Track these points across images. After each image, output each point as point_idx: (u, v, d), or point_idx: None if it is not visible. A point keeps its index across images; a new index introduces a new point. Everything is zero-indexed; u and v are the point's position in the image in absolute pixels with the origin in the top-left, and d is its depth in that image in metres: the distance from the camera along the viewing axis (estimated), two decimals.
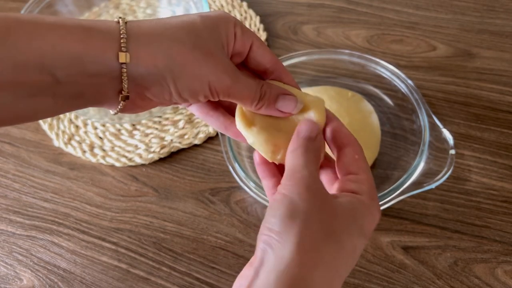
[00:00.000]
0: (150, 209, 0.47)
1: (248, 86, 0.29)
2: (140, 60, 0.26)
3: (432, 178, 0.41)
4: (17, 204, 0.49)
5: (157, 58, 0.26)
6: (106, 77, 0.25)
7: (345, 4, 0.67)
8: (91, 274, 0.43)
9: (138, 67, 0.26)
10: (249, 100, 0.29)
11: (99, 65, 0.25)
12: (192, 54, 0.26)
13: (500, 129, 0.50)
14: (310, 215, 0.25)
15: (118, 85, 0.26)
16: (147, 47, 0.26)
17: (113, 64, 0.25)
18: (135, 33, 0.26)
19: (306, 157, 0.28)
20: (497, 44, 0.59)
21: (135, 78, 0.26)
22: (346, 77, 0.55)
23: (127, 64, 0.25)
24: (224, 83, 0.28)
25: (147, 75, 0.26)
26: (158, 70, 0.26)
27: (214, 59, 0.27)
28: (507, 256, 0.41)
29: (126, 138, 0.54)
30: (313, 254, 0.24)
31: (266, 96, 0.30)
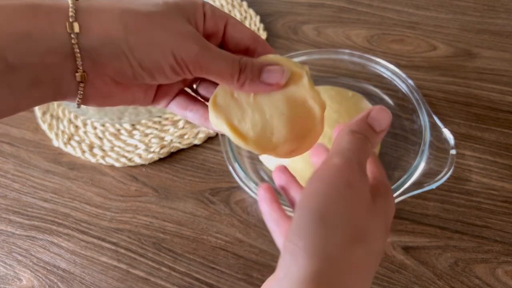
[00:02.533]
0: (150, 209, 0.47)
1: (224, 57, 0.26)
2: (91, 30, 0.24)
3: (433, 178, 0.41)
4: (16, 204, 0.49)
5: (109, 26, 0.24)
6: (58, 54, 0.24)
7: (345, 4, 0.67)
8: (90, 274, 0.43)
9: (89, 38, 0.24)
10: (228, 74, 0.26)
11: (49, 40, 0.23)
12: (147, 21, 0.24)
13: (500, 129, 0.50)
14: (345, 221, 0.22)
15: (73, 64, 0.24)
16: (98, 17, 0.24)
17: (63, 38, 0.23)
18: (86, 5, 0.24)
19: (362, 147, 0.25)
20: (497, 44, 0.59)
21: (89, 52, 0.24)
22: (346, 77, 0.54)
23: (78, 35, 0.23)
24: (191, 51, 0.25)
25: (101, 46, 0.24)
26: (112, 39, 0.24)
27: (175, 26, 0.25)
28: (508, 256, 0.41)
29: (126, 138, 0.54)
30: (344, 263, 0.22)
31: (248, 69, 0.26)
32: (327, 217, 0.22)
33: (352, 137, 0.25)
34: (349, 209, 0.23)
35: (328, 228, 0.22)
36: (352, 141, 0.25)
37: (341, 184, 0.23)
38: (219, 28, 0.27)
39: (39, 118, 0.56)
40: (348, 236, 0.22)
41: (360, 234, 0.23)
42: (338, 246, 0.22)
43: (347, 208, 0.22)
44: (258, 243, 0.43)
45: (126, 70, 0.25)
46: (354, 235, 0.22)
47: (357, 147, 0.25)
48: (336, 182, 0.23)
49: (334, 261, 0.21)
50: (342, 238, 0.22)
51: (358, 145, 0.25)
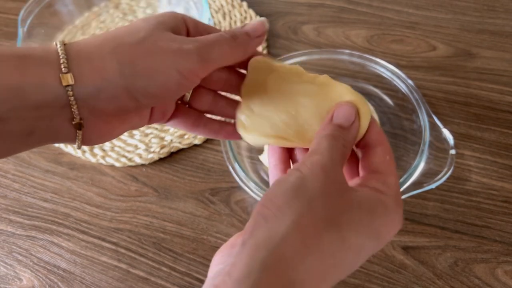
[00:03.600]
0: (150, 209, 0.47)
1: (213, 39, 0.26)
2: (86, 78, 0.23)
3: (432, 178, 0.41)
4: (17, 204, 0.49)
5: (103, 68, 0.23)
6: (53, 106, 0.23)
7: (345, 4, 0.67)
8: (91, 274, 0.43)
9: (85, 87, 0.23)
10: (228, 49, 0.26)
11: (42, 94, 0.22)
12: (140, 47, 0.24)
13: (500, 129, 0.50)
14: (318, 197, 0.22)
15: (69, 113, 0.23)
16: (90, 62, 0.23)
17: (57, 90, 0.22)
18: (75, 51, 0.23)
19: (332, 145, 0.25)
20: (497, 44, 0.59)
21: (86, 100, 0.23)
22: (346, 77, 0.54)
23: (73, 86, 0.22)
24: (192, 57, 0.25)
25: (98, 92, 0.23)
26: (109, 81, 0.23)
27: (166, 43, 0.24)
28: (508, 256, 0.41)
29: (126, 138, 0.54)
30: (311, 240, 0.22)
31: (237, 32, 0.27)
32: (301, 192, 0.22)
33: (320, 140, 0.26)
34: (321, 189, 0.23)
35: (301, 202, 0.22)
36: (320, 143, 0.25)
37: (317, 169, 0.23)
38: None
39: None
40: (319, 217, 0.22)
41: (332, 219, 0.22)
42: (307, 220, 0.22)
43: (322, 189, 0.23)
44: None
45: (128, 105, 0.24)
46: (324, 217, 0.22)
47: (328, 146, 0.25)
48: (312, 168, 0.23)
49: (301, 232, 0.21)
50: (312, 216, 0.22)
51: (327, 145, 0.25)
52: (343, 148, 0.25)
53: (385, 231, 0.24)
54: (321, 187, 0.23)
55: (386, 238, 0.24)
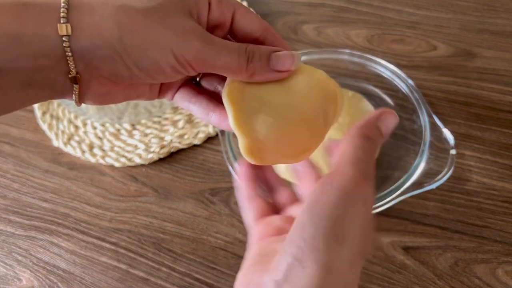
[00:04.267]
0: (150, 209, 0.47)
1: (228, 48, 0.24)
2: (83, 31, 0.22)
3: (433, 178, 0.41)
4: (16, 204, 0.49)
5: (102, 26, 0.22)
6: (50, 57, 0.22)
7: (345, 4, 0.67)
8: (90, 274, 0.43)
9: (81, 39, 0.22)
10: (235, 67, 0.24)
11: (39, 43, 0.22)
12: (143, 18, 0.22)
13: (501, 129, 0.50)
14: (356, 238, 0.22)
15: (66, 66, 0.23)
16: (91, 16, 0.22)
17: (54, 40, 0.22)
18: (78, 2, 0.22)
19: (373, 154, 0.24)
20: (497, 44, 0.59)
21: (82, 54, 0.23)
22: (346, 76, 0.54)
23: (69, 37, 0.22)
24: (193, 47, 0.23)
25: (94, 48, 0.22)
26: (105, 40, 0.22)
27: (173, 22, 0.23)
28: (508, 256, 0.41)
29: (126, 138, 0.54)
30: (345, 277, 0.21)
31: (256, 57, 0.25)
32: (342, 233, 0.21)
33: (366, 144, 0.24)
34: (363, 228, 0.22)
35: (341, 244, 0.21)
36: (365, 148, 0.24)
37: (359, 200, 0.22)
38: (226, 18, 0.26)
39: (39, 118, 0.56)
40: (356, 254, 0.22)
41: (363, 252, 0.22)
42: (346, 262, 0.21)
43: (362, 226, 0.22)
44: None
45: (122, 72, 0.24)
46: (360, 253, 0.22)
47: (370, 156, 0.24)
48: (353, 197, 0.22)
49: (340, 276, 0.21)
50: (351, 256, 0.21)
51: (371, 153, 0.24)
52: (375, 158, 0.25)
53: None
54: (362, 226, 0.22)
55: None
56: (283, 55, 0.25)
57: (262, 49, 0.25)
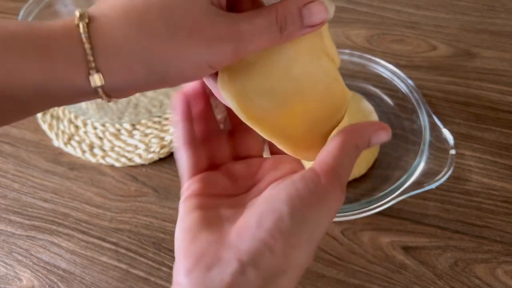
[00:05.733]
0: (150, 209, 0.47)
1: (259, 30, 0.23)
2: (115, 75, 0.22)
3: (433, 178, 0.41)
4: (16, 204, 0.49)
5: (134, 65, 0.21)
6: (81, 96, 0.22)
7: (345, 4, 0.67)
8: (90, 274, 0.43)
9: (114, 83, 0.22)
10: (269, 41, 0.23)
11: (69, 91, 0.21)
12: (172, 41, 0.21)
13: (500, 129, 0.50)
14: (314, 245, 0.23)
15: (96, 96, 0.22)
16: (119, 57, 0.21)
17: (85, 87, 0.21)
18: (101, 40, 0.21)
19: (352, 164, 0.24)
20: (497, 44, 0.59)
21: (115, 90, 0.22)
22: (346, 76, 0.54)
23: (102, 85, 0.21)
24: (227, 52, 0.22)
25: (128, 87, 0.22)
26: (139, 77, 0.22)
27: (200, 32, 0.22)
28: (508, 256, 0.41)
29: (126, 138, 0.54)
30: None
31: (289, 21, 0.23)
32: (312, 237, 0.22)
33: (353, 153, 0.24)
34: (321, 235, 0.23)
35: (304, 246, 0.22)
36: (351, 158, 0.24)
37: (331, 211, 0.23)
38: None
39: (39, 118, 0.56)
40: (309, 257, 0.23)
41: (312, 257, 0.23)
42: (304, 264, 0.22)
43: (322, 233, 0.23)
44: None
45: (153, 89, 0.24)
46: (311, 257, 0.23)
47: (352, 166, 0.24)
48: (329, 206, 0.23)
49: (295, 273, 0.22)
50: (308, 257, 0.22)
51: (354, 162, 0.24)
52: None
53: None
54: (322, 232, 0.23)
55: None
56: (315, 6, 0.23)
57: (292, 8, 0.23)
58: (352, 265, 0.41)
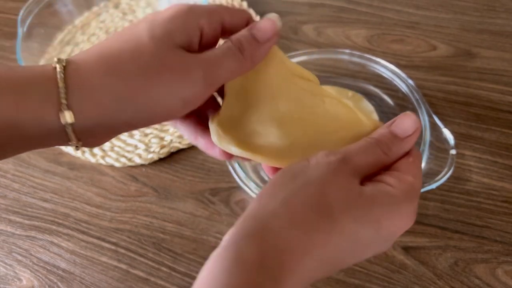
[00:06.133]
0: (150, 209, 0.47)
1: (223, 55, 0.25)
2: (85, 113, 0.22)
3: (433, 178, 0.41)
4: (16, 204, 0.49)
5: (104, 105, 0.22)
6: (50, 137, 0.23)
7: (345, 4, 0.67)
8: (90, 274, 0.43)
9: (84, 122, 0.22)
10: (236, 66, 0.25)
11: (40, 128, 0.22)
12: (140, 80, 0.22)
13: (500, 129, 0.50)
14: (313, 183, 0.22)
15: (67, 139, 0.23)
16: (91, 97, 0.22)
17: (56, 125, 0.22)
18: (75, 81, 0.22)
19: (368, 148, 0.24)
20: (497, 44, 0.59)
21: (85, 132, 0.23)
22: (346, 76, 0.54)
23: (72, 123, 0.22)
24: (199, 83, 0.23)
25: (98, 127, 0.23)
26: (109, 117, 0.22)
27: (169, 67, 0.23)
28: (508, 256, 0.41)
29: (126, 138, 0.54)
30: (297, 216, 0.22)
31: (244, 42, 0.25)
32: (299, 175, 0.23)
33: (362, 140, 0.25)
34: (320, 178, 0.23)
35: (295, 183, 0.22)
36: (359, 142, 0.25)
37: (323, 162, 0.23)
38: (217, 32, 0.26)
39: None
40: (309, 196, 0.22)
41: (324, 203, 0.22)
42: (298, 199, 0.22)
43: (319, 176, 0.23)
44: None
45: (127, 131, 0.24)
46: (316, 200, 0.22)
47: (361, 147, 0.25)
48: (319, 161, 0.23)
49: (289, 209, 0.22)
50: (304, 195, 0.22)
51: (363, 148, 0.25)
52: (383, 155, 0.25)
53: (387, 222, 0.23)
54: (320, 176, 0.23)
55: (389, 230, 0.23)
56: (262, 23, 0.26)
57: (243, 32, 0.26)
58: (352, 265, 0.41)
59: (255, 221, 0.22)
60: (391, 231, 0.23)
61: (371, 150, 0.25)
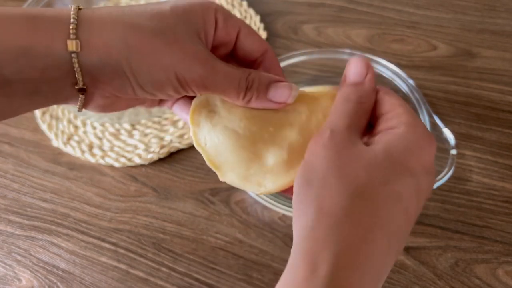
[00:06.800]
0: (150, 210, 0.47)
1: (229, 76, 0.25)
2: (92, 48, 0.23)
3: None
4: (16, 204, 0.49)
5: (111, 45, 0.23)
6: (58, 70, 0.23)
7: (345, 4, 0.67)
8: (90, 274, 0.43)
9: (90, 56, 0.23)
10: (233, 91, 0.25)
11: (48, 57, 0.22)
12: (151, 40, 0.23)
13: (501, 129, 0.50)
14: (327, 175, 0.22)
15: (73, 78, 0.23)
16: (100, 34, 0.23)
17: (63, 55, 0.22)
18: (88, 18, 0.23)
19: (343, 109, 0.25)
20: (498, 43, 0.59)
21: (90, 70, 0.23)
22: None
23: (78, 53, 0.22)
24: (195, 72, 0.24)
25: (102, 66, 0.23)
26: (113, 59, 0.23)
27: (180, 45, 0.23)
28: (508, 256, 0.41)
29: (126, 138, 0.54)
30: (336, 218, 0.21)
31: (254, 86, 0.25)
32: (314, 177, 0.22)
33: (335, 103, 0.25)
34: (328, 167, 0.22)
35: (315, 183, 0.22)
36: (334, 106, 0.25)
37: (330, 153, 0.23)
38: (231, 37, 0.26)
39: (39, 118, 0.56)
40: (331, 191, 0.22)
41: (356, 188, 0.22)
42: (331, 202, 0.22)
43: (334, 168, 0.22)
44: (258, 243, 0.43)
45: (126, 89, 0.24)
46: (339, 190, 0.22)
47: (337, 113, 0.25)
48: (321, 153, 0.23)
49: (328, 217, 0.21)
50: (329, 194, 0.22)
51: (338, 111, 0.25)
52: (359, 104, 0.25)
53: (414, 160, 0.22)
54: (329, 165, 0.22)
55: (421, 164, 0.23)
56: (282, 86, 0.26)
57: (263, 78, 0.26)
58: None
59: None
60: (424, 163, 0.23)
61: (346, 107, 0.25)
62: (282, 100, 0.26)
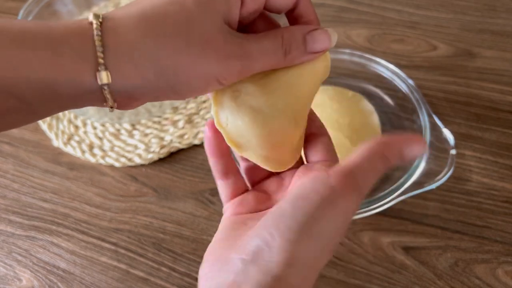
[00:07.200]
0: (150, 210, 0.47)
1: (264, 52, 0.24)
2: (124, 75, 0.21)
3: (433, 178, 0.41)
4: (16, 204, 0.49)
5: (144, 68, 0.21)
6: (87, 97, 0.22)
7: (346, 4, 0.67)
8: (90, 274, 0.43)
9: (122, 83, 0.22)
10: (272, 63, 0.24)
11: (76, 89, 0.21)
12: (186, 51, 0.22)
13: (501, 129, 0.50)
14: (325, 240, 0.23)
15: (101, 97, 0.22)
16: (130, 57, 0.21)
17: (92, 85, 0.21)
18: (113, 39, 0.21)
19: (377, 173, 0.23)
20: (498, 43, 0.59)
21: (123, 94, 0.22)
22: (346, 76, 0.54)
23: (109, 84, 0.21)
24: (233, 68, 0.23)
25: (136, 89, 0.22)
26: (148, 81, 0.22)
27: (213, 47, 0.22)
28: (508, 256, 0.41)
29: (126, 138, 0.54)
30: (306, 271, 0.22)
31: (293, 47, 0.24)
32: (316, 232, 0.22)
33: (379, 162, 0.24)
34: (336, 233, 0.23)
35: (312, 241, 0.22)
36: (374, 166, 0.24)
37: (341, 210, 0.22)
38: (259, 5, 0.25)
39: None
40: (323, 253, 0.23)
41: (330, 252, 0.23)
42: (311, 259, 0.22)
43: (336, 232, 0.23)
44: None
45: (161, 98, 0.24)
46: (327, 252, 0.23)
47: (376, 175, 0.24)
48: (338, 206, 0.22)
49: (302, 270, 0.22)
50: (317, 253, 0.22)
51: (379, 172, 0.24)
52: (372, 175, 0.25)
53: None
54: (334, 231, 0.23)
55: None
56: (318, 35, 0.25)
57: (297, 34, 0.25)
58: (352, 265, 0.41)
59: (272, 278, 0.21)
60: None
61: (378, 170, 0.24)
62: (322, 48, 0.25)
